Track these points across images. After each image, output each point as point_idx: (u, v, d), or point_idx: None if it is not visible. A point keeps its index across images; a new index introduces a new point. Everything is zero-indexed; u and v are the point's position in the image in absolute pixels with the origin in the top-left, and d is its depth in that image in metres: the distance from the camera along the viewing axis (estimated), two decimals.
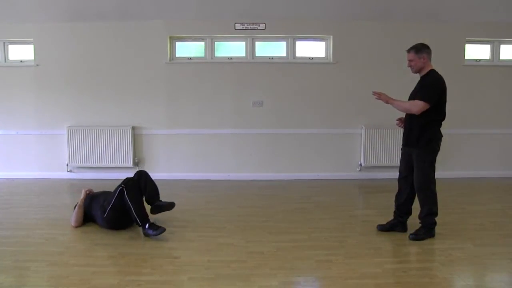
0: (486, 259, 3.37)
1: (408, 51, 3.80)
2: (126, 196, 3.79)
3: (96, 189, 4.55)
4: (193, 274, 3.11)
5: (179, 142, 6.18)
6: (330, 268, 3.21)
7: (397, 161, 6.01)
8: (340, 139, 6.20)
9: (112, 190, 4.17)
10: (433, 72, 3.74)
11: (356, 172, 6.23)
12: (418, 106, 3.65)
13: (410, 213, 3.93)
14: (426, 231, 3.75)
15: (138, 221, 3.76)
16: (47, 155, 6.17)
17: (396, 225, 3.94)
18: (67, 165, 6.14)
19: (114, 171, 5.94)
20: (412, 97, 3.82)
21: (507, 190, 5.67)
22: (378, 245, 3.66)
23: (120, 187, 3.85)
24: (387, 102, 3.82)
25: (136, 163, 6.15)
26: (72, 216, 4.11)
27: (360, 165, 6.19)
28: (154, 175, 5.89)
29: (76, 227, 4.07)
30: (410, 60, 3.79)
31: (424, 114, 3.66)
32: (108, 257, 3.39)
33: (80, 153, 6.06)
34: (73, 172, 6.20)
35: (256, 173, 6.18)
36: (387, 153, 6.08)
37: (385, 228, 3.96)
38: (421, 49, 3.73)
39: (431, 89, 3.66)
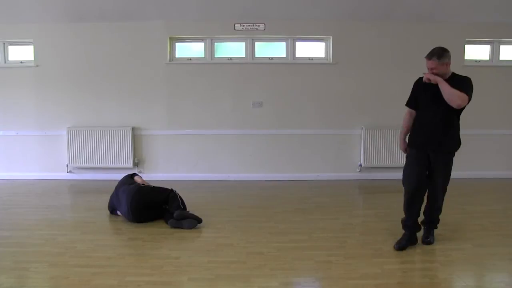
0: (486, 260, 3.37)
1: (429, 58, 3.44)
2: (176, 192, 4.32)
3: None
4: (193, 274, 3.11)
5: (179, 143, 6.18)
6: (330, 269, 3.21)
7: (397, 162, 6.08)
8: (340, 139, 6.19)
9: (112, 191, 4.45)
10: (456, 74, 3.52)
11: (356, 173, 6.23)
12: (462, 98, 3.34)
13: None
14: (433, 230, 3.73)
15: (182, 206, 4.24)
16: (47, 155, 6.16)
17: (411, 237, 3.66)
18: (67, 165, 6.14)
19: (114, 171, 5.93)
20: (428, 102, 3.55)
21: (507, 191, 5.67)
22: (378, 245, 3.66)
23: (171, 188, 4.39)
24: (435, 81, 3.42)
25: (136, 164, 6.15)
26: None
27: (360, 165, 6.19)
28: (154, 176, 5.98)
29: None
30: (431, 68, 3.44)
31: (458, 113, 3.50)
32: (108, 258, 3.39)
33: (80, 153, 6.06)
34: (73, 172, 6.20)
35: (256, 173, 6.18)
36: (387, 153, 6.08)
37: (403, 246, 3.59)
38: (442, 54, 3.41)
39: (470, 86, 3.43)
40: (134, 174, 4.77)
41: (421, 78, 3.63)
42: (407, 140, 3.80)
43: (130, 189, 4.28)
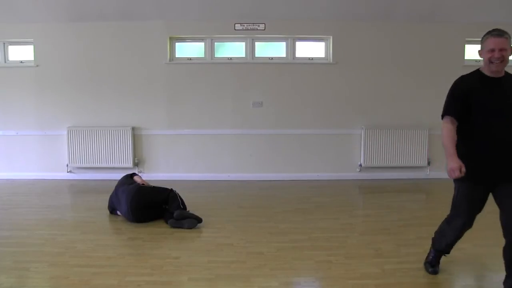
0: (486, 259, 3.37)
1: (500, 35, 2.54)
2: (176, 192, 4.32)
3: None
4: (193, 274, 3.11)
5: (179, 143, 6.18)
6: (330, 269, 3.21)
7: (397, 162, 6.09)
8: (340, 139, 6.19)
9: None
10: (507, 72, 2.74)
11: (356, 173, 6.23)
12: None
13: None
14: None
15: (182, 205, 4.23)
16: (47, 155, 6.16)
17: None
18: (67, 165, 6.14)
19: (114, 171, 5.92)
20: (490, 112, 2.61)
21: None
22: (378, 245, 3.66)
23: (170, 188, 4.39)
24: None
25: (136, 164, 6.15)
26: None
27: (360, 165, 6.19)
28: (154, 176, 5.98)
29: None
30: (502, 49, 2.53)
31: None
32: (108, 258, 3.39)
33: (80, 153, 6.06)
34: (73, 172, 6.19)
35: (256, 173, 6.17)
36: (387, 153, 6.08)
37: (438, 268, 3.10)
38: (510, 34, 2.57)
39: None
40: (134, 174, 4.78)
41: (465, 76, 2.76)
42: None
43: (129, 189, 4.28)
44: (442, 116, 2.78)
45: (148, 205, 4.23)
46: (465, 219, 2.84)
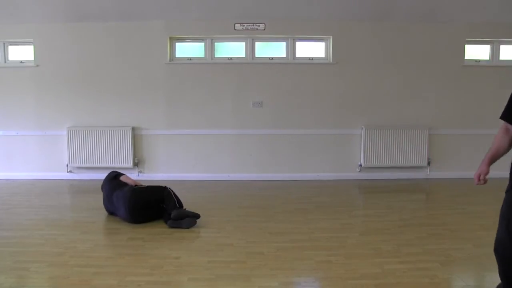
0: (486, 260, 3.36)
1: None
2: (170, 190, 4.25)
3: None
4: (193, 274, 3.11)
5: (179, 143, 6.18)
6: (330, 269, 3.20)
7: (397, 162, 6.09)
8: (340, 139, 6.19)
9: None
10: None
11: (356, 173, 6.23)
12: None
13: None
14: None
15: (178, 204, 4.18)
16: (47, 155, 6.16)
17: None
18: (67, 165, 6.14)
19: None
20: None
21: None
22: (378, 245, 3.65)
23: (164, 186, 4.32)
24: None
25: (136, 164, 6.15)
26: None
27: (360, 165, 6.19)
28: (154, 176, 5.99)
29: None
30: None
31: None
32: (108, 258, 3.39)
33: (80, 153, 6.06)
34: (73, 172, 6.19)
35: (256, 173, 6.17)
36: (387, 153, 6.08)
37: None
38: None
39: None
40: (118, 175, 4.62)
41: None
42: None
43: (124, 192, 4.23)
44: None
45: (145, 205, 4.21)
46: (499, 235, 2.45)
